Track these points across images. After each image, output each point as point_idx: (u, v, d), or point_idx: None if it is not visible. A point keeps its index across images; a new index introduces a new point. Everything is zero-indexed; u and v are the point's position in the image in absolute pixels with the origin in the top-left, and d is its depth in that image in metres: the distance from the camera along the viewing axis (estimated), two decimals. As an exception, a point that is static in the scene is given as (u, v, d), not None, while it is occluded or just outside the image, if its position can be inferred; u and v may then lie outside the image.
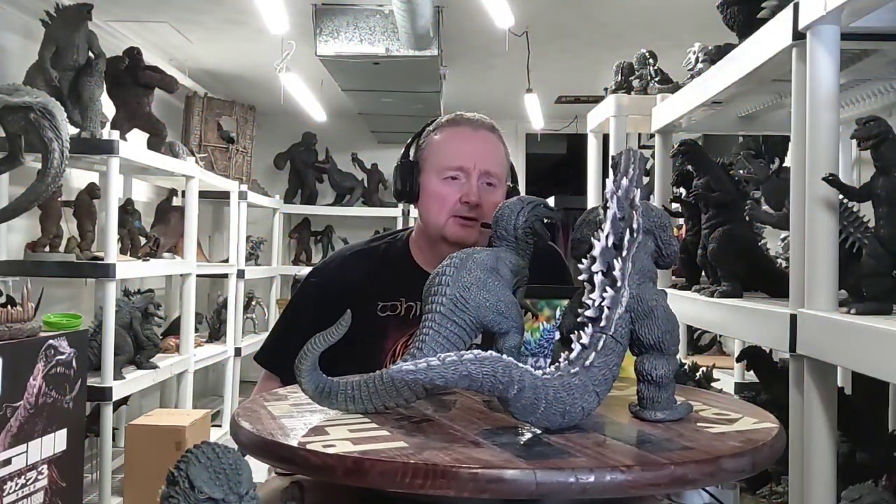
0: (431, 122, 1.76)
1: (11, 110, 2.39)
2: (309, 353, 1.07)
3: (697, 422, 1.04)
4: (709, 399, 1.24)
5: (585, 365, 1.00)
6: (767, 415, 1.11)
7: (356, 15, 4.02)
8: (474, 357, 0.91)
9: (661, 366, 1.04)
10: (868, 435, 1.90)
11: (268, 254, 6.14)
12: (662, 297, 1.06)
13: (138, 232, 3.73)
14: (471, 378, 0.91)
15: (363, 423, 1.03)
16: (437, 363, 0.90)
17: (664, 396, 1.05)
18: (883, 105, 2.18)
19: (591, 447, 0.91)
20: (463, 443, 0.93)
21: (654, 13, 4.02)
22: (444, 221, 1.65)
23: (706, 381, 2.58)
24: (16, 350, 2.31)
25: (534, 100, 5.05)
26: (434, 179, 1.67)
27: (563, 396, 0.97)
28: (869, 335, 1.33)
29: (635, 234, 1.06)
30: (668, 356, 1.04)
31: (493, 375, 0.91)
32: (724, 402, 1.22)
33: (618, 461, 0.85)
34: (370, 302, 1.66)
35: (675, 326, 1.04)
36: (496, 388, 0.92)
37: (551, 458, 0.87)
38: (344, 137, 6.65)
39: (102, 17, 3.93)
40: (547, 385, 0.96)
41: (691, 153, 2.22)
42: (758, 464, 0.91)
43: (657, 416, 1.05)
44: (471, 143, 1.69)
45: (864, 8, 1.46)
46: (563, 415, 0.98)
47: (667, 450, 0.90)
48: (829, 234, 1.53)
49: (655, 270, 1.11)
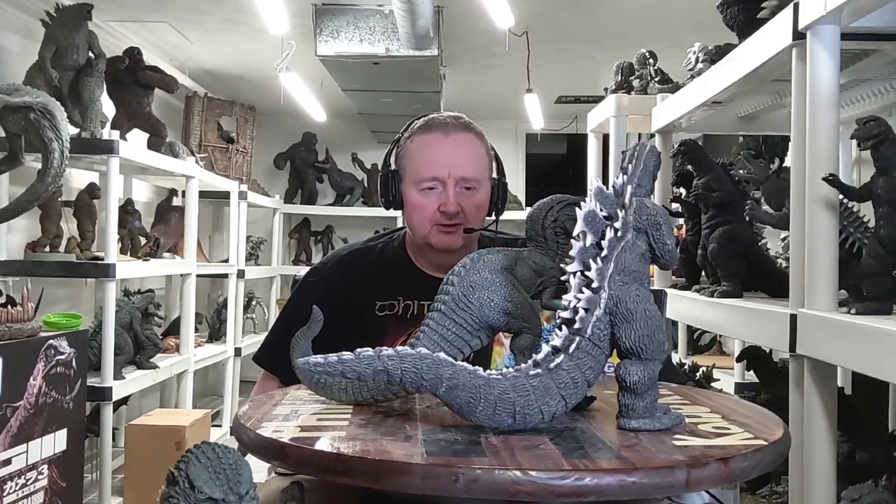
0: (407, 128, 1.72)
1: (11, 110, 2.39)
2: (297, 350, 1.16)
3: (677, 434, 0.98)
4: (720, 405, 1.18)
5: (550, 367, 0.99)
6: (772, 423, 1.04)
7: (356, 15, 4.02)
8: (395, 353, 0.92)
9: (635, 372, 1.00)
10: (868, 435, 1.90)
11: (268, 254, 6.14)
12: (646, 300, 1.01)
13: (138, 232, 3.73)
14: (388, 374, 0.92)
15: (339, 413, 1.08)
16: (351, 357, 0.92)
17: (640, 405, 1.00)
18: (883, 105, 2.18)
19: (512, 449, 0.90)
20: (395, 437, 0.94)
21: (654, 13, 4.01)
22: (427, 230, 1.65)
23: (706, 381, 2.58)
24: (16, 350, 2.31)
25: (534, 100, 5.05)
26: (412, 190, 1.65)
27: (513, 397, 0.96)
28: (869, 335, 1.33)
29: (619, 232, 1.03)
30: (646, 362, 1.00)
31: (415, 372, 0.92)
32: (734, 408, 1.15)
33: (515, 464, 0.84)
34: (368, 301, 1.66)
35: (658, 331, 1.00)
36: (421, 385, 0.93)
37: (456, 456, 0.87)
38: (344, 137, 6.65)
39: (102, 17, 3.93)
40: (491, 385, 0.95)
41: (691, 153, 2.22)
42: (692, 483, 0.86)
43: (630, 424, 1.00)
44: (443, 150, 1.64)
45: (864, 8, 1.47)
46: (512, 415, 0.96)
47: (589, 459, 0.86)
48: (829, 234, 1.53)
49: (645, 272, 1.06)
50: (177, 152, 3.97)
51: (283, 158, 6.55)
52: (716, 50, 2.26)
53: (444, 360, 0.94)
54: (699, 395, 1.25)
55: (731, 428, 1.03)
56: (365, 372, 0.92)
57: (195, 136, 5.25)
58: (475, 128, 1.70)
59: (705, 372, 2.60)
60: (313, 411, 1.11)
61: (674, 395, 1.23)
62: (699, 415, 1.09)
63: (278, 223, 6.29)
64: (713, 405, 1.15)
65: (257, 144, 5.82)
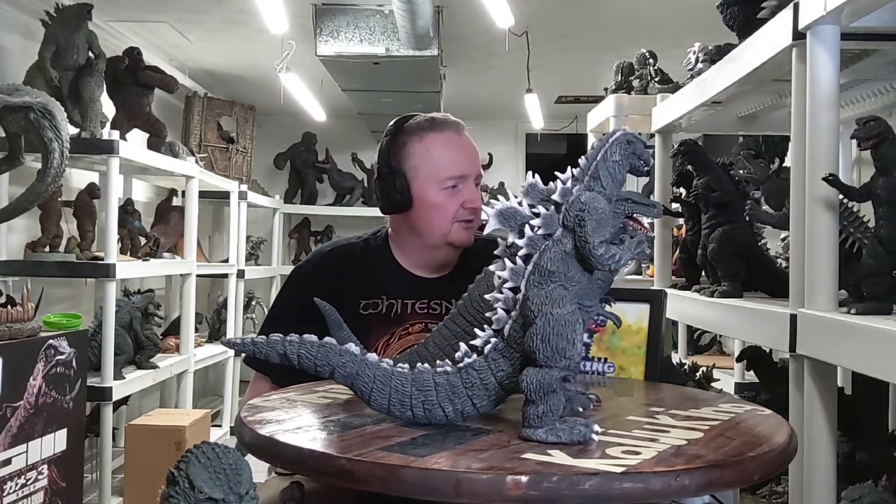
0: (399, 128, 1.71)
1: (11, 110, 2.39)
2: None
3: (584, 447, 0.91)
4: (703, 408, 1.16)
5: (460, 366, 0.99)
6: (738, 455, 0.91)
7: (356, 15, 4.01)
8: (296, 339, 0.99)
9: (531, 378, 0.93)
10: (868, 435, 1.90)
11: (268, 254, 6.14)
12: (555, 303, 0.95)
13: (138, 232, 3.73)
14: (286, 357, 0.99)
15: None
16: (262, 340, 0.99)
17: (534, 413, 0.93)
18: (883, 105, 2.18)
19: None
20: (369, 438, 0.96)
21: (654, 13, 4.01)
22: (450, 229, 1.65)
23: (706, 381, 2.58)
24: (16, 350, 2.31)
25: (534, 100, 5.05)
26: (432, 190, 1.65)
27: (410, 391, 0.97)
28: (869, 335, 1.33)
29: (540, 230, 0.99)
30: (543, 369, 0.93)
31: (310, 358, 0.98)
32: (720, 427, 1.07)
33: (376, 459, 0.86)
34: (352, 300, 1.65)
35: (560, 338, 0.93)
36: (316, 371, 0.99)
37: (400, 453, 0.89)
38: (344, 137, 6.65)
39: (102, 17, 3.93)
40: (390, 377, 0.98)
41: (691, 153, 2.22)
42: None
43: (524, 433, 0.94)
44: (463, 148, 1.69)
45: (864, 8, 1.46)
46: (410, 409, 0.98)
47: (417, 457, 0.86)
48: (829, 234, 1.53)
49: (570, 273, 0.98)
50: (177, 152, 3.97)
51: (283, 158, 6.55)
52: (716, 50, 2.25)
53: (338, 349, 0.98)
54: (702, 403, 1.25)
55: (656, 436, 0.96)
56: (270, 354, 0.99)
57: (195, 136, 5.25)
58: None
59: (705, 372, 2.60)
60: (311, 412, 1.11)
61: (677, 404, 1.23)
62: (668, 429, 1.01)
63: (278, 223, 6.29)
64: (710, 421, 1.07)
65: (257, 144, 5.82)
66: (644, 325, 1.40)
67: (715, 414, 1.11)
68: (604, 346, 1.41)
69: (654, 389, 1.34)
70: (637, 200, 1.04)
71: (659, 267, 2.61)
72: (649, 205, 1.04)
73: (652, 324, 1.40)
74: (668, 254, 2.65)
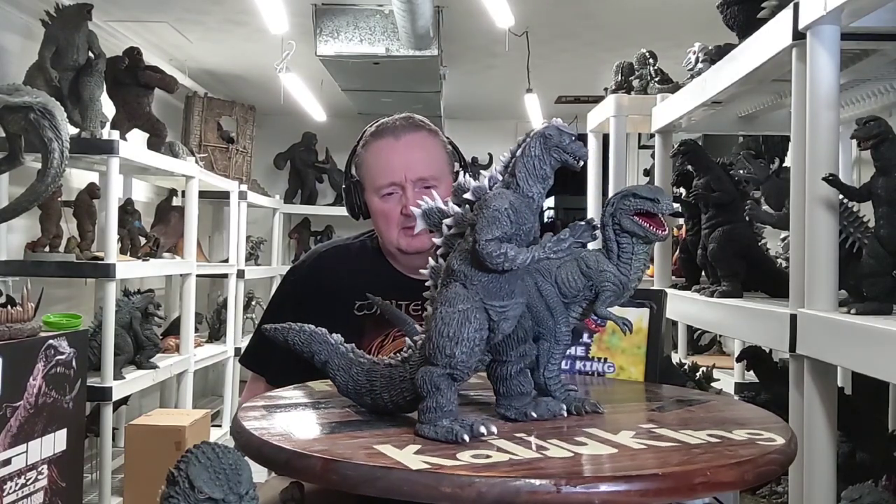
0: (362, 135, 1.71)
1: (11, 110, 2.39)
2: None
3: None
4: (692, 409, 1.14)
5: (400, 360, 1.04)
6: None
7: (356, 15, 4.01)
8: (297, 327, 1.10)
9: (420, 374, 0.95)
10: (868, 435, 1.90)
11: (268, 254, 6.14)
12: (449, 303, 0.95)
13: (138, 232, 3.73)
14: (289, 343, 1.10)
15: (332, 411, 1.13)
16: (282, 327, 1.11)
17: (421, 408, 0.94)
18: (883, 105, 2.18)
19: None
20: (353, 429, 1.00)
21: (654, 13, 4.01)
22: (395, 236, 1.65)
23: (706, 381, 2.58)
24: (16, 350, 2.31)
25: (534, 100, 5.05)
26: (374, 198, 1.66)
27: (363, 381, 1.05)
28: (869, 335, 1.33)
29: (451, 229, 1.00)
30: (429, 365, 0.94)
31: (302, 344, 1.09)
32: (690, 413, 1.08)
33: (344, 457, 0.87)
34: (347, 301, 1.65)
35: (443, 337, 0.93)
36: (309, 356, 1.09)
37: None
38: (344, 137, 6.60)
39: (102, 17, 3.92)
40: (351, 366, 1.06)
41: (691, 153, 2.22)
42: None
43: (416, 426, 0.96)
44: (395, 154, 1.64)
45: (864, 8, 1.47)
46: (369, 396, 1.05)
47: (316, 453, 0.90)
48: (829, 234, 1.53)
49: (472, 273, 0.96)
50: (177, 152, 3.97)
51: (282, 158, 6.55)
52: (716, 50, 2.26)
53: (320, 338, 1.08)
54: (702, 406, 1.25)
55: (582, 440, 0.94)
56: (278, 339, 1.11)
57: (195, 136, 5.25)
58: (427, 125, 1.70)
59: (705, 372, 2.60)
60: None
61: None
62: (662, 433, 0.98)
63: (278, 223, 6.28)
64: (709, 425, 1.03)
65: (257, 144, 5.82)
66: (644, 325, 1.40)
67: (711, 416, 1.12)
68: (604, 346, 1.41)
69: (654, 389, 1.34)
70: (641, 195, 1.00)
71: (659, 267, 2.61)
72: (651, 199, 0.99)
73: (652, 324, 1.40)
74: (668, 254, 2.65)
